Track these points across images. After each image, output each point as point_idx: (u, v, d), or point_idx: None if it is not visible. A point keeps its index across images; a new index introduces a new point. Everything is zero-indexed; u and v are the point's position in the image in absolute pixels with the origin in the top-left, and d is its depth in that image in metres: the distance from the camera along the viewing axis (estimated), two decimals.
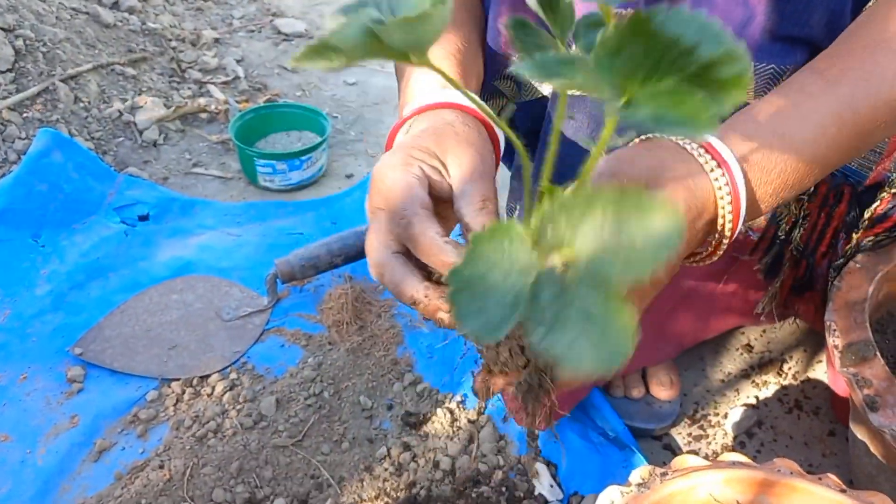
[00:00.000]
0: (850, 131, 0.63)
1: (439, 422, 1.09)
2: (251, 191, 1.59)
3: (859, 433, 0.88)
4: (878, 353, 0.83)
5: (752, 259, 1.04)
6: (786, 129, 0.61)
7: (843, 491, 0.73)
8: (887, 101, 0.63)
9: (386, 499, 0.98)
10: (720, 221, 0.58)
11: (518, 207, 1.04)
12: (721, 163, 0.57)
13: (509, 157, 1.06)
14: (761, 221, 0.99)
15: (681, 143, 0.59)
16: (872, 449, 0.85)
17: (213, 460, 1.00)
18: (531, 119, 0.92)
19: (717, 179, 0.57)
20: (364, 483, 1.00)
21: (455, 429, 1.08)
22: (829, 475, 0.76)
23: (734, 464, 0.77)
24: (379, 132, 1.80)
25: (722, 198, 0.57)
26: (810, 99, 0.62)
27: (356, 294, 1.26)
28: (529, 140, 0.95)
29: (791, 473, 0.76)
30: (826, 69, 0.64)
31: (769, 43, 0.75)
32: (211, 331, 1.22)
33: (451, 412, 1.10)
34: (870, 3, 0.71)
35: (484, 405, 1.10)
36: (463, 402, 1.12)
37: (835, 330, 0.86)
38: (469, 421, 1.09)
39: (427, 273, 0.56)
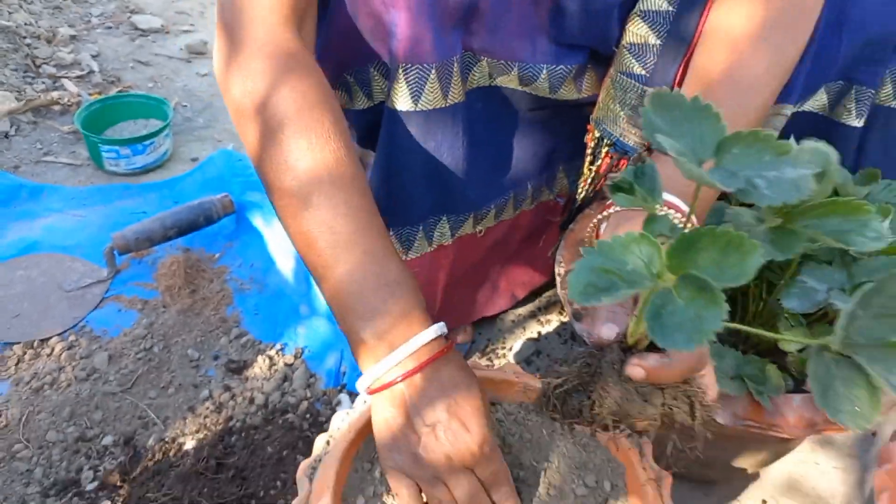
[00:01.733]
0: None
1: (259, 367, 1.24)
2: (100, 176, 1.70)
3: None
4: None
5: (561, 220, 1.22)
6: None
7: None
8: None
9: (206, 432, 1.13)
10: None
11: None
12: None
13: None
14: (565, 188, 1.17)
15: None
16: None
17: (48, 408, 1.13)
18: (365, 126, 1.01)
19: None
20: (187, 420, 1.14)
21: (272, 371, 1.23)
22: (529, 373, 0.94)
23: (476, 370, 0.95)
24: (227, 119, 1.93)
25: None
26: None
27: (190, 262, 1.39)
28: (364, 145, 1.05)
29: (514, 373, 0.95)
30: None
31: (556, 48, 0.94)
32: (52, 301, 1.33)
33: (271, 358, 1.25)
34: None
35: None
36: (282, 349, 1.27)
37: (560, 262, 1.05)
38: (286, 364, 1.24)
39: None
